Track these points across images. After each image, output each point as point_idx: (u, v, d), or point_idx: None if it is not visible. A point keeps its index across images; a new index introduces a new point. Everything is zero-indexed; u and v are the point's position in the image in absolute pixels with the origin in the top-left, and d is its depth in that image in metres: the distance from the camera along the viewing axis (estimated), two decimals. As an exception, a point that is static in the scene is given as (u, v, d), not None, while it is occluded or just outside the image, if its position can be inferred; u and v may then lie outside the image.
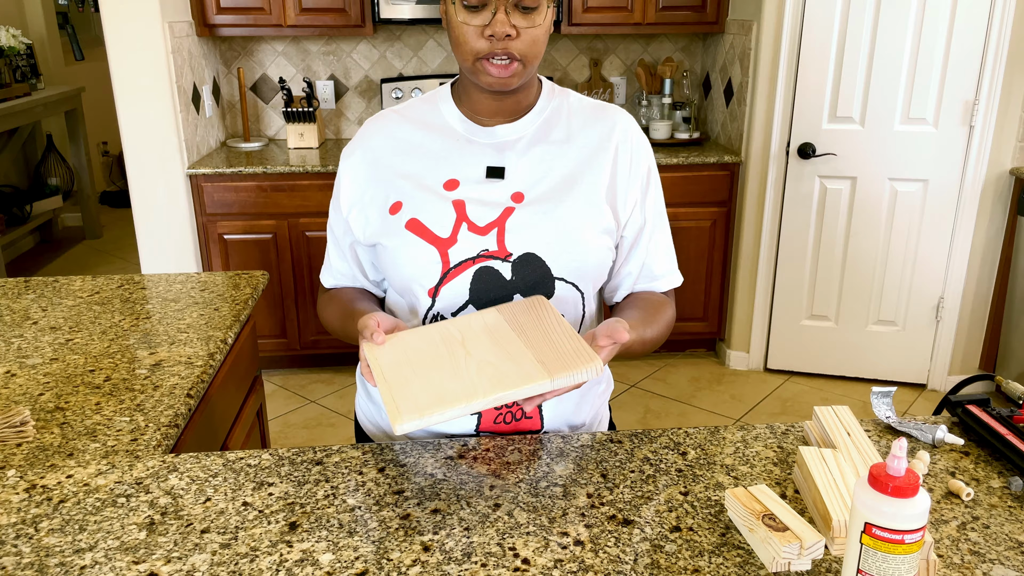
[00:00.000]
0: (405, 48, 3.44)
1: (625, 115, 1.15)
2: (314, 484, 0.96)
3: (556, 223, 1.06)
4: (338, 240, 1.18)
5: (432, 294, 1.06)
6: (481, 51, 1.00)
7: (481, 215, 1.06)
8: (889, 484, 0.66)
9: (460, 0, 0.99)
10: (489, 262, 1.05)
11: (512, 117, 1.10)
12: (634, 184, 1.12)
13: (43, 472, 0.98)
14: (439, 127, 1.11)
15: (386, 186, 1.10)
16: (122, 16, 2.66)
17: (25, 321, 1.46)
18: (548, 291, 1.06)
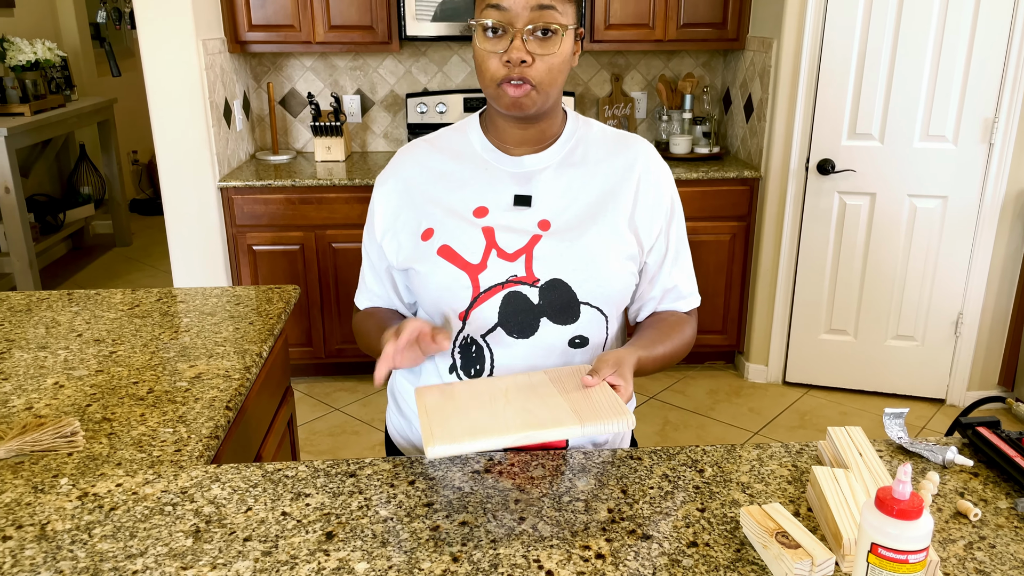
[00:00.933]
0: (430, 63, 3.51)
1: (647, 145, 1.20)
2: (348, 495, 1.01)
3: (581, 250, 1.10)
4: (374, 264, 1.24)
5: (463, 317, 1.12)
6: (499, 76, 1.06)
7: (510, 242, 1.11)
8: (894, 507, 0.70)
9: (483, 29, 1.05)
10: (518, 287, 1.10)
11: (538, 147, 1.15)
12: (658, 214, 1.17)
13: (94, 480, 1.05)
14: (468, 156, 1.17)
15: (418, 213, 1.15)
16: (158, 34, 2.75)
17: (70, 333, 1.53)
18: (574, 315, 1.11)
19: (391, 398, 1.31)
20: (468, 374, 1.15)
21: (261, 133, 3.54)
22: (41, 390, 1.31)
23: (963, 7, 2.69)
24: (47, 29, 5.01)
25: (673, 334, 1.19)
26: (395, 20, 3.10)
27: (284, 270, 3.10)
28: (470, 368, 1.15)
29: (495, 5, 1.03)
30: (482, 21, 1.05)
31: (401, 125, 3.59)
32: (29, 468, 1.08)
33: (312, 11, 3.07)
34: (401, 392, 1.28)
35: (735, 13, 3.19)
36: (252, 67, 3.46)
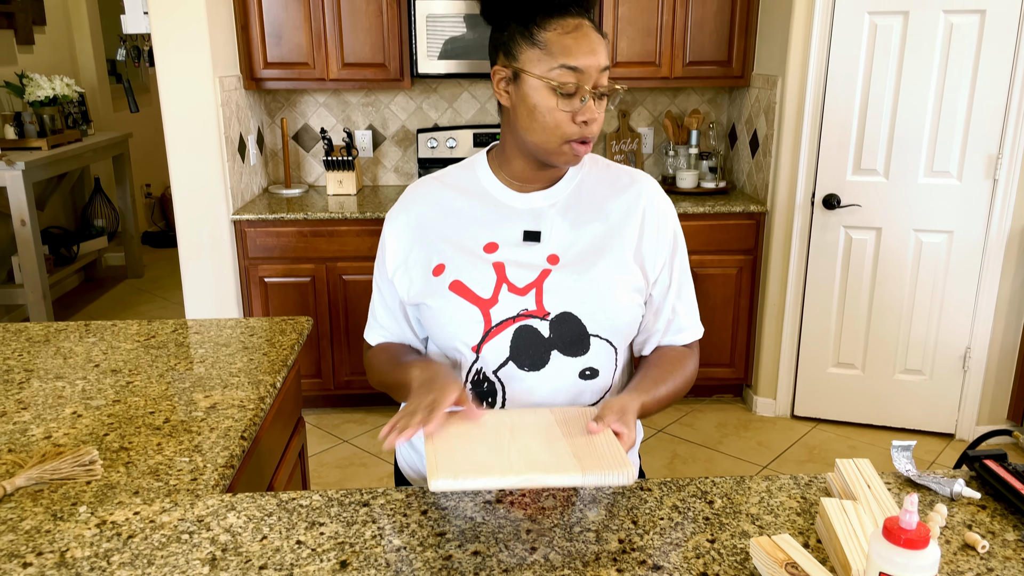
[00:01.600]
0: (440, 100, 3.58)
1: (650, 180, 1.23)
2: (362, 525, 1.02)
3: (590, 284, 1.13)
4: (386, 299, 1.26)
5: (475, 351, 1.14)
6: (571, 135, 1.08)
7: (520, 277, 1.13)
8: (902, 536, 0.71)
9: (552, 88, 1.06)
10: (528, 321, 1.12)
11: (547, 184, 1.18)
12: (663, 247, 1.20)
13: (112, 508, 1.06)
14: (477, 193, 1.19)
15: (429, 249, 1.17)
16: (176, 71, 2.82)
17: (88, 364, 1.56)
18: (584, 347, 1.13)
19: None
20: (480, 406, 1.16)
21: (274, 167, 3.60)
22: (59, 419, 1.33)
23: (966, 45, 2.74)
24: (66, 66, 5.12)
25: (675, 371, 1.20)
26: (407, 58, 3.17)
27: (295, 302, 3.13)
28: (482, 401, 1.16)
29: (573, 68, 1.05)
30: (560, 81, 1.05)
31: (412, 160, 3.64)
32: (48, 496, 1.10)
33: (326, 49, 3.15)
34: None
35: (740, 52, 3.25)
36: (267, 103, 3.53)
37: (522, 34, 1.07)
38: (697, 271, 3.18)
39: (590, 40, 1.06)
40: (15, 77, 4.37)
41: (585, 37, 1.06)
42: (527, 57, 1.07)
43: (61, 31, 5.11)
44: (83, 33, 5.27)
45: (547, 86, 1.06)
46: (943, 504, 1.04)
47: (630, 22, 3.19)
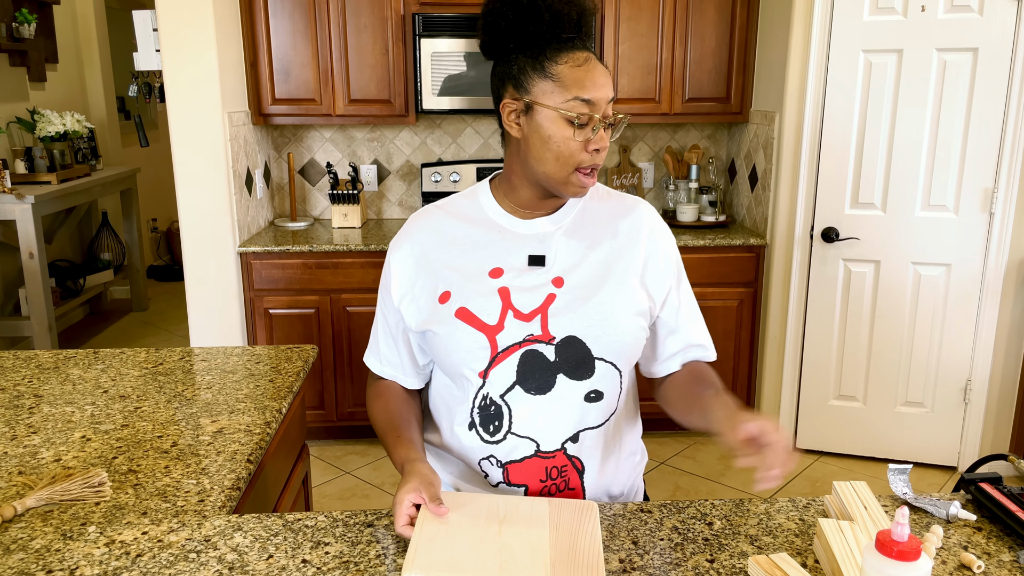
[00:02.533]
0: (445, 135, 3.65)
1: (649, 207, 1.27)
2: (366, 544, 1.04)
3: (595, 307, 1.15)
4: (390, 327, 1.27)
5: (482, 376, 1.16)
6: (583, 163, 1.12)
7: (525, 302, 1.15)
8: (894, 548, 0.73)
9: (568, 119, 1.09)
10: (534, 345, 1.14)
11: (551, 210, 1.22)
12: (668, 271, 1.23)
13: (120, 528, 1.08)
14: (481, 221, 1.22)
15: (434, 277, 1.20)
16: (186, 107, 2.88)
17: (96, 390, 1.58)
18: (589, 371, 1.15)
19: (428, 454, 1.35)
20: (487, 430, 1.18)
21: (280, 201, 3.66)
22: (69, 443, 1.35)
23: (959, 82, 2.80)
24: (76, 102, 5.22)
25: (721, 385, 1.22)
26: (412, 94, 3.24)
27: (299, 333, 3.15)
28: (488, 425, 1.18)
29: (586, 99, 1.09)
30: (575, 113, 1.09)
31: (416, 194, 3.70)
32: (58, 516, 1.12)
33: (333, 86, 3.22)
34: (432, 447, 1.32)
35: (738, 88, 3.32)
36: (274, 138, 3.60)
37: (534, 67, 1.11)
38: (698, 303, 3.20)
39: (599, 72, 1.11)
40: (27, 113, 4.45)
41: (595, 70, 1.11)
42: (540, 89, 1.11)
43: (73, 69, 5.22)
44: (94, 71, 5.38)
45: (562, 117, 1.10)
46: (939, 525, 1.06)
47: (630, 60, 3.26)
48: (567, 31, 1.12)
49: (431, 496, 1.05)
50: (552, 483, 1.18)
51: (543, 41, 1.11)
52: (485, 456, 1.19)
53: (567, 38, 1.12)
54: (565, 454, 1.18)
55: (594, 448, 1.20)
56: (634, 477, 1.29)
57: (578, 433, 1.18)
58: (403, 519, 1.03)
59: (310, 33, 3.17)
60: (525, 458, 1.18)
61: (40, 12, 4.68)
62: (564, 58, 1.10)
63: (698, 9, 3.24)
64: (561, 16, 1.10)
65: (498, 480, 1.20)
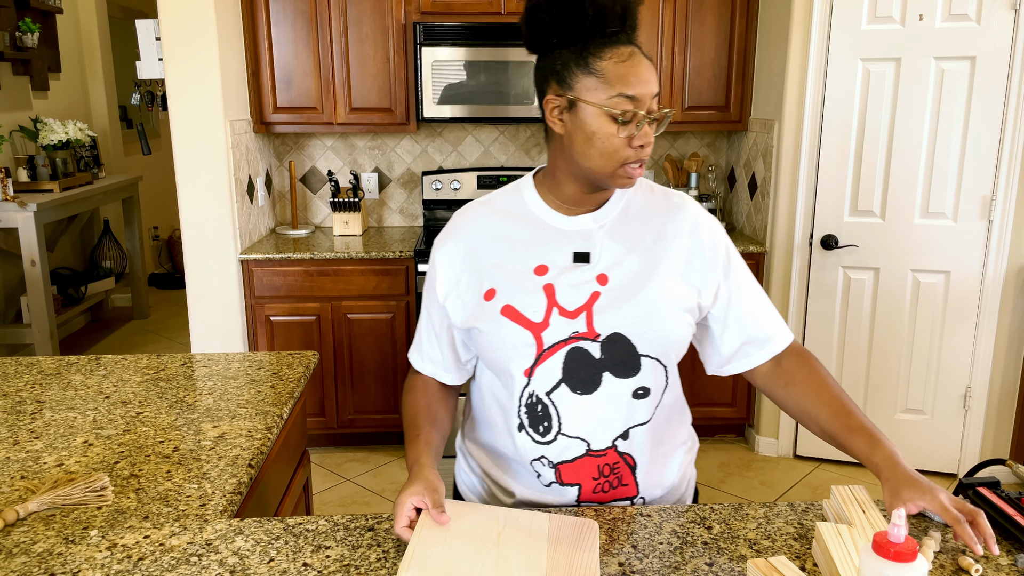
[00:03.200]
0: (445, 144, 3.66)
1: (693, 202, 1.25)
2: (367, 548, 1.05)
3: (640, 304, 1.14)
4: (434, 324, 1.26)
5: (527, 374, 1.15)
6: (628, 158, 1.10)
7: (570, 299, 1.15)
8: (891, 549, 0.73)
9: (612, 116, 1.08)
10: (580, 343, 1.13)
11: (595, 207, 1.21)
12: (714, 265, 1.21)
13: (122, 532, 1.09)
14: (525, 217, 1.21)
15: (480, 274, 1.19)
16: (189, 115, 2.90)
17: (99, 395, 1.59)
18: (635, 367, 1.14)
19: (460, 456, 1.36)
20: (536, 431, 1.17)
21: (282, 208, 3.67)
22: (71, 448, 1.36)
23: (957, 90, 2.82)
24: (79, 111, 5.24)
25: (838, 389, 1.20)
26: (413, 103, 3.26)
27: (300, 340, 3.16)
28: (538, 425, 1.17)
29: (630, 96, 1.08)
30: (619, 110, 1.08)
31: (416, 201, 3.71)
32: (60, 520, 1.12)
33: (335, 94, 3.24)
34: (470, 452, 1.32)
35: (737, 97, 3.33)
36: (275, 146, 3.61)
37: (577, 63, 1.10)
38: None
39: (643, 68, 1.09)
40: (29, 122, 4.48)
41: (639, 65, 1.09)
42: (584, 86, 1.10)
43: (76, 78, 5.24)
44: (97, 80, 5.41)
45: (606, 114, 1.09)
46: (937, 530, 1.06)
47: (630, 68, 3.28)
48: (611, 25, 1.09)
49: (434, 502, 1.05)
50: (605, 480, 1.19)
51: (587, 36, 1.09)
52: (537, 457, 1.19)
53: (611, 32, 1.10)
54: (616, 451, 1.18)
55: (644, 443, 1.19)
56: (686, 465, 1.29)
57: (627, 430, 1.17)
58: (403, 520, 1.03)
59: (312, 42, 3.19)
60: (577, 458, 1.17)
61: (43, 21, 4.71)
62: (608, 53, 1.08)
63: (697, 18, 3.26)
64: (605, 10, 1.08)
65: (550, 480, 1.19)
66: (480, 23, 3.14)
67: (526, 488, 1.23)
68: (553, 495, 1.20)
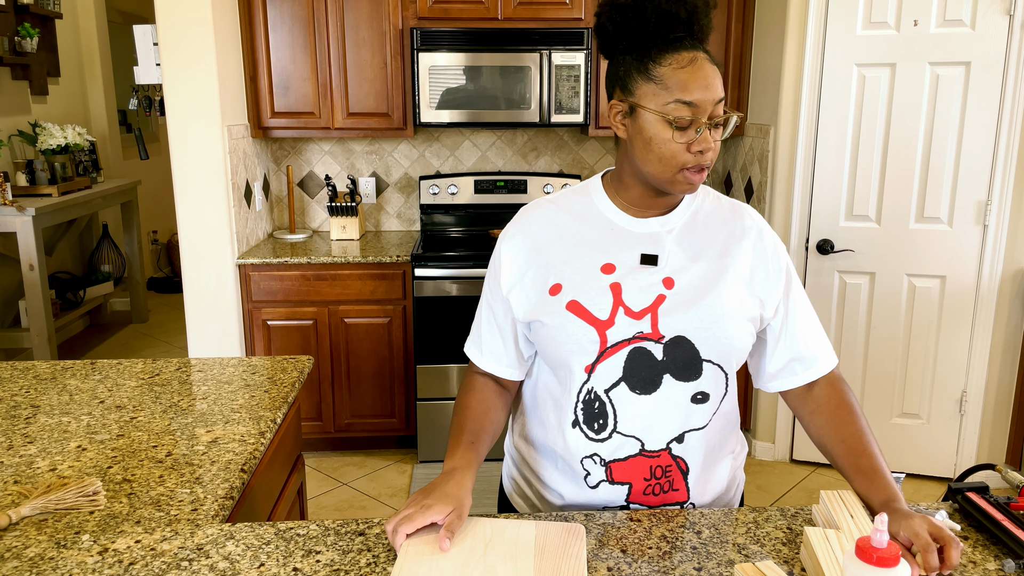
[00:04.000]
0: (443, 148, 3.67)
1: (757, 214, 1.26)
2: (357, 553, 1.05)
3: (705, 310, 1.14)
4: (496, 316, 1.26)
5: (588, 370, 1.15)
6: (687, 163, 1.10)
7: (636, 300, 1.15)
8: (873, 555, 0.74)
9: (668, 121, 1.09)
10: (643, 343, 1.14)
11: (664, 211, 1.21)
12: (778, 278, 1.21)
13: (114, 537, 1.09)
14: (593, 217, 1.22)
15: (545, 269, 1.20)
16: (186, 120, 2.91)
17: (93, 400, 1.59)
18: (696, 371, 1.15)
19: (509, 458, 1.36)
20: (592, 428, 1.17)
21: (279, 213, 3.68)
22: (64, 452, 1.36)
23: (952, 95, 2.83)
24: (78, 115, 5.25)
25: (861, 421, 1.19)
26: (410, 108, 3.27)
27: (297, 344, 3.17)
28: (593, 423, 1.17)
29: (687, 102, 1.08)
30: (675, 116, 1.08)
31: (414, 206, 3.72)
32: (52, 525, 1.13)
33: (332, 100, 3.25)
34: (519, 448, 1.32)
35: (734, 102, 3.34)
36: (273, 151, 3.62)
37: (638, 69, 1.11)
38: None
39: (705, 73, 1.09)
40: (28, 126, 4.49)
41: (700, 70, 1.08)
42: (643, 92, 1.10)
43: (75, 82, 5.26)
44: (96, 84, 5.42)
45: (662, 120, 1.09)
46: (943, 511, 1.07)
47: (626, 74, 3.29)
48: (675, 31, 1.09)
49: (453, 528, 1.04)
50: (656, 482, 1.19)
51: (650, 42, 1.10)
52: (588, 455, 1.19)
53: (676, 38, 1.10)
54: (670, 454, 1.18)
55: (698, 448, 1.19)
56: (735, 470, 1.29)
57: (683, 434, 1.18)
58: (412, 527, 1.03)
59: (309, 47, 3.20)
60: (630, 457, 1.17)
61: (42, 26, 4.72)
62: (668, 59, 1.09)
63: (693, 23, 3.26)
64: (668, 16, 1.09)
65: (599, 479, 1.19)
66: (477, 28, 3.15)
67: (573, 489, 1.22)
68: (601, 496, 1.20)
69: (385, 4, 3.17)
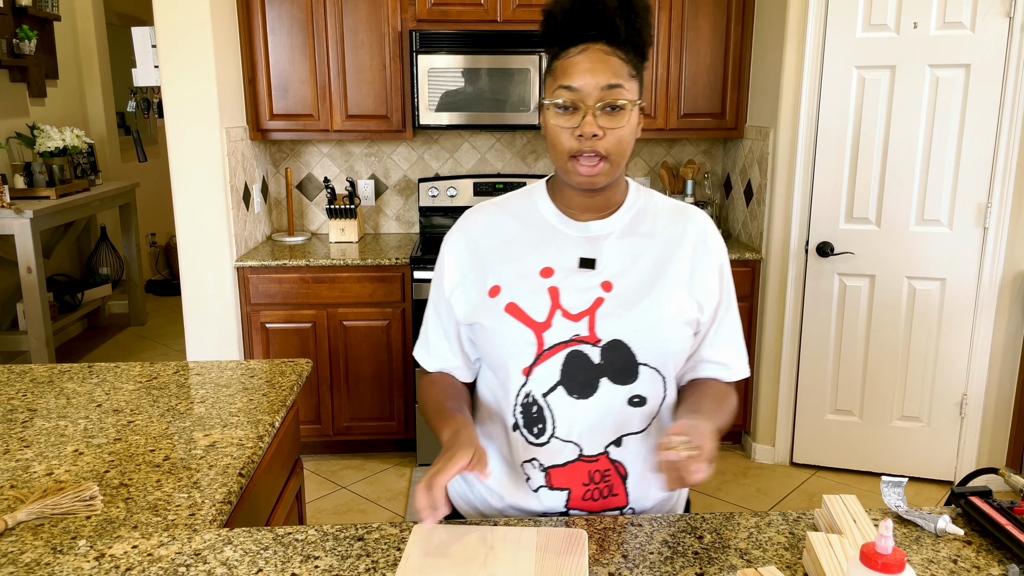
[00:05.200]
0: (442, 150, 3.67)
1: (705, 217, 1.26)
2: (356, 558, 1.04)
3: (642, 313, 1.15)
4: (441, 319, 1.27)
5: (526, 373, 1.15)
6: (572, 149, 1.12)
7: (574, 303, 1.15)
8: (878, 561, 0.73)
9: (554, 105, 1.12)
10: (580, 346, 1.14)
11: (603, 213, 1.21)
12: (711, 279, 1.21)
13: (110, 542, 1.08)
14: (535, 220, 1.23)
15: (486, 271, 1.20)
16: (184, 122, 2.90)
17: (90, 404, 1.58)
18: (633, 375, 1.14)
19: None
20: (531, 432, 1.17)
21: (278, 215, 3.67)
22: (61, 457, 1.35)
23: (952, 97, 2.82)
24: (76, 117, 5.24)
25: (724, 406, 1.20)
26: (409, 110, 3.26)
27: (296, 347, 3.16)
28: (532, 427, 1.17)
29: (567, 86, 1.11)
30: (555, 100, 1.12)
31: (413, 208, 3.71)
32: (49, 530, 1.12)
33: (331, 102, 3.24)
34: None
35: (733, 104, 3.34)
36: (271, 153, 3.61)
37: (547, 68, 1.17)
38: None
39: (591, 60, 1.11)
40: (26, 128, 4.48)
41: (586, 58, 1.11)
42: (546, 87, 1.16)
43: (73, 84, 5.25)
44: (94, 86, 5.41)
45: (552, 107, 1.13)
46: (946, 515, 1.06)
47: (626, 76, 3.28)
48: (586, 30, 1.12)
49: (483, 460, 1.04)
50: (595, 487, 1.18)
51: (559, 43, 1.14)
52: (528, 459, 1.19)
53: (587, 37, 1.12)
54: (608, 458, 1.18)
55: (637, 453, 1.19)
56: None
57: (621, 438, 1.17)
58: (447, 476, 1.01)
59: (308, 49, 3.19)
60: (568, 462, 1.17)
61: (41, 28, 4.72)
62: (565, 53, 1.13)
63: (692, 26, 3.26)
64: (574, 17, 1.12)
65: (539, 484, 1.19)
66: (476, 31, 3.14)
67: (515, 492, 1.22)
68: (542, 500, 1.20)
69: (384, 6, 3.16)
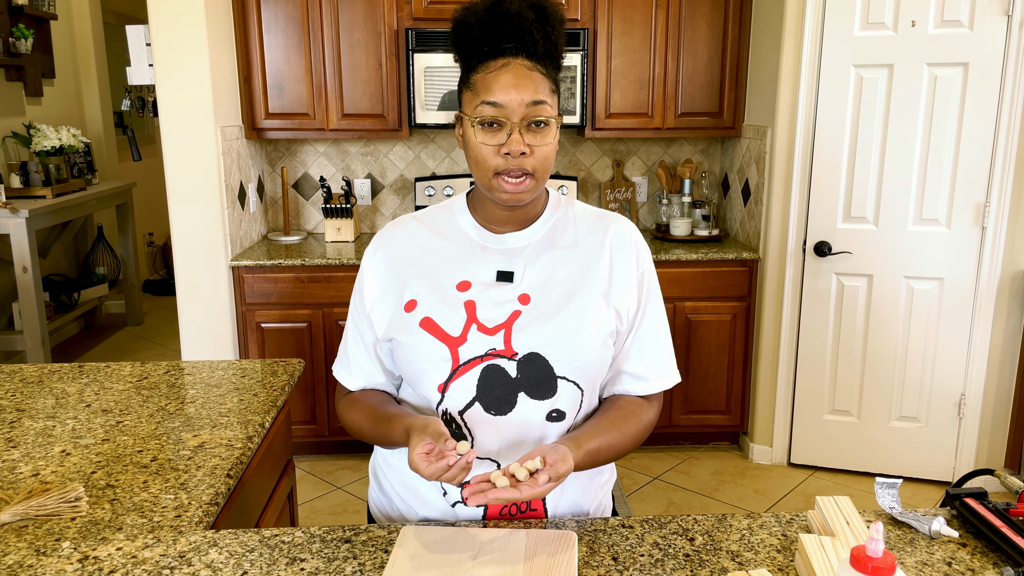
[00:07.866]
0: (438, 150, 3.65)
1: (624, 222, 1.24)
2: (343, 561, 1.03)
3: (559, 325, 1.13)
4: (362, 335, 1.23)
5: (441, 389, 1.13)
6: (498, 167, 1.10)
7: (490, 316, 1.13)
8: (869, 564, 0.72)
9: (478, 122, 1.10)
10: (496, 360, 1.12)
11: (521, 226, 1.20)
12: (631, 287, 1.19)
13: (95, 544, 1.07)
14: (454, 234, 1.21)
15: (403, 285, 1.18)
16: (179, 121, 2.89)
17: (79, 404, 1.57)
18: (551, 389, 1.12)
19: (373, 478, 1.31)
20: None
21: (274, 215, 3.66)
22: (48, 457, 1.34)
23: (950, 96, 2.81)
24: (73, 117, 5.23)
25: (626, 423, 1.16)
26: (405, 109, 3.25)
27: (291, 347, 3.14)
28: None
29: (491, 102, 1.09)
30: (479, 116, 1.10)
31: (409, 207, 3.70)
32: (33, 532, 1.10)
33: (327, 100, 3.23)
34: (383, 471, 1.28)
35: (731, 103, 3.33)
36: (267, 152, 3.60)
37: (464, 82, 1.15)
38: (691, 317, 3.20)
39: (515, 76, 1.09)
40: (23, 128, 4.46)
41: (509, 74, 1.10)
42: (464, 100, 1.14)
43: (69, 84, 5.24)
44: (91, 86, 5.40)
45: (475, 123, 1.11)
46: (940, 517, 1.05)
47: (623, 75, 3.27)
48: (501, 42, 1.11)
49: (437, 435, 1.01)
50: (514, 504, 1.15)
51: (474, 54, 1.13)
52: None
53: (502, 49, 1.11)
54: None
55: None
56: (601, 496, 1.26)
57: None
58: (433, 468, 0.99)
59: (303, 48, 3.18)
60: None
61: (37, 27, 4.70)
62: (485, 66, 1.11)
63: (690, 25, 3.25)
64: (490, 28, 1.11)
65: (456, 500, 1.16)
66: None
67: (435, 505, 1.18)
68: (460, 514, 1.17)
69: (380, 5, 3.15)
